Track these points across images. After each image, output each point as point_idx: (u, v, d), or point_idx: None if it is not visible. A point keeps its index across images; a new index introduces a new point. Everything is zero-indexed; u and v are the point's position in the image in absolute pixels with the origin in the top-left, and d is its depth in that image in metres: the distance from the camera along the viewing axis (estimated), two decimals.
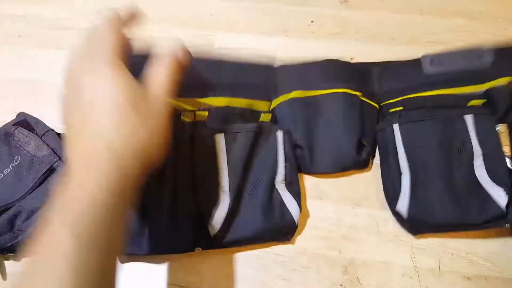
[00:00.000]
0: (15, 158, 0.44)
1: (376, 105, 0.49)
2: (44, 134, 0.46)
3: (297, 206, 0.44)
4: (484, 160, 0.43)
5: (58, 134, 0.47)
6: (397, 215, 0.45)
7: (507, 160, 0.43)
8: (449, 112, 0.46)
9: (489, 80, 0.47)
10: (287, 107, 0.49)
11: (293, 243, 0.46)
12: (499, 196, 0.41)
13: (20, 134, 0.46)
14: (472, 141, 0.44)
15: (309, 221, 0.46)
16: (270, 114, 0.49)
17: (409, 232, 0.45)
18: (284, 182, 0.45)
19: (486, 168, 0.43)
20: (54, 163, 0.44)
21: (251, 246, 0.45)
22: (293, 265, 0.44)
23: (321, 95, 0.49)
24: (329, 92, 0.48)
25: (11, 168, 0.44)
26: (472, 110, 0.46)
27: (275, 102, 0.49)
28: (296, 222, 0.44)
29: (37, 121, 0.47)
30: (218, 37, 0.60)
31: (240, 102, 0.49)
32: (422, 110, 0.47)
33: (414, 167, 0.44)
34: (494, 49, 0.48)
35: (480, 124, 0.45)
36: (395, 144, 0.46)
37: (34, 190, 0.42)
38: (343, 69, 0.51)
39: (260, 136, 0.47)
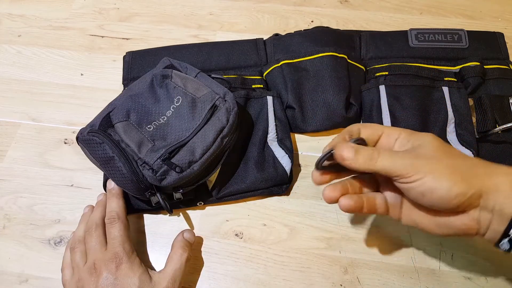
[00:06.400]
0: (175, 100, 0.43)
1: (362, 67, 0.54)
2: (196, 76, 0.45)
3: (289, 159, 0.47)
4: (456, 126, 0.48)
5: (208, 75, 0.47)
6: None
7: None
8: (430, 82, 0.51)
9: (463, 62, 0.53)
10: (279, 72, 0.53)
11: (287, 194, 0.48)
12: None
13: (177, 76, 0.45)
14: (448, 109, 0.49)
15: (309, 221, 0.46)
16: (262, 85, 0.53)
17: None
18: (276, 139, 0.49)
19: (456, 134, 0.48)
20: (216, 100, 0.43)
21: (248, 199, 0.48)
22: (293, 265, 0.44)
23: (309, 59, 0.52)
24: (317, 56, 0.52)
25: (172, 110, 0.43)
26: (449, 83, 0.51)
27: (267, 71, 0.54)
28: (288, 173, 0.47)
29: (186, 65, 0.46)
30: (218, 37, 0.60)
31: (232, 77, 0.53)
32: (406, 77, 0.51)
33: (396, 124, 0.48)
34: (470, 32, 0.56)
35: (455, 96, 0.50)
36: (380, 103, 0.50)
37: (202, 127, 0.42)
38: (329, 35, 0.55)
39: (252, 100, 0.51)
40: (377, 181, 0.38)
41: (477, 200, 0.31)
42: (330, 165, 0.36)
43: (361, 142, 0.35)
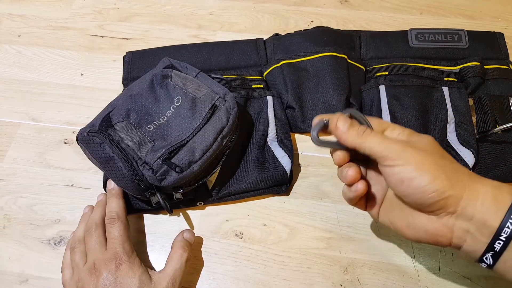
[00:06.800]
0: (175, 100, 0.43)
1: (362, 67, 0.54)
2: (196, 76, 0.45)
3: (289, 159, 0.47)
4: (456, 126, 0.48)
5: (208, 75, 0.47)
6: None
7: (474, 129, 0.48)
8: (430, 82, 0.51)
9: (463, 62, 0.53)
10: (279, 72, 0.53)
11: (287, 194, 0.48)
12: (467, 157, 0.46)
13: (177, 76, 0.45)
14: (448, 109, 0.49)
15: (309, 221, 0.46)
16: (262, 85, 0.53)
17: None
18: (276, 139, 0.49)
19: (456, 134, 0.48)
20: (216, 100, 0.43)
21: (248, 199, 0.48)
22: (293, 265, 0.44)
23: (309, 59, 0.52)
24: (317, 56, 0.52)
25: (172, 110, 0.43)
26: (449, 83, 0.51)
27: (267, 71, 0.54)
28: (288, 173, 0.47)
29: (186, 65, 0.46)
30: (218, 36, 0.60)
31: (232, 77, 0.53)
32: (406, 77, 0.51)
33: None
34: (470, 32, 0.56)
35: (455, 96, 0.50)
36: (380, 103, 0.50)
37: (202, 128, 0.42)
38: (329, 35, 0.55)
39: (252, 100, 0.51)
40: (366, 172, 0.38)
41: (453, 205, 0.31)
42: (328, 142, 0.35)
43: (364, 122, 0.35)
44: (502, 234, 0.29)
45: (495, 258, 0.30)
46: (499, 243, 0.30)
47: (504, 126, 0.46)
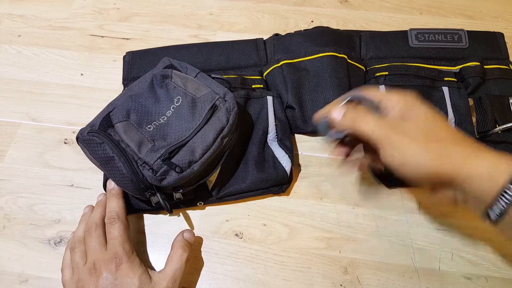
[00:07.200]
0: (175, 100, 0.43)
1: (362, 67, 0.54)
2: (196, 76, 0.45)
3: (289, 159, 0.47)
4: (456, 126, 0.48)
5: (208, 75, 0.47)
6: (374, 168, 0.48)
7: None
8: (430, 82, 0.51)
9: (463, 62, 0.53)
10: (279, 72, 0.53)
11: (287, 194, 0.48)
12: None
13: (177, 76, 0.45)
14: (448, 109, 0.49)
15: (309, 221, 0.46)
16: (262, 85, 0.53)
17: (384, 184, 0.48)
18: (276, 139, 0.49)
19: None
20: (216, 100, 0.43)
21: (248, 199, 0.48)
22: (293, 265, 0.44)
23: (309, 59, 0.52)
24: (317, 56, 0.52)
25: (172, 110, 0.43)
26: (449, 83, 0.51)
27: (267, 71, 0.54)
28: (288, 173, 0.47)
29: (186, 65, 0.46)
30: (218, 37, 0.60)
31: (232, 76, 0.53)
32: (406, 76, 0.52)
33: None
34: (470, 32, 0.56)
35: (454, 96, 0.50)
36: None
37: (202, 128, 0.42)
38: (329, 35, 0.55)
39: (252, 100, 0.51)
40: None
41: (448, 183, 0.32)
42: (341, 134, 0.39)
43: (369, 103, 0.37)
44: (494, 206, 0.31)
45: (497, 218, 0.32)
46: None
47: (504, 126, 0.46)
